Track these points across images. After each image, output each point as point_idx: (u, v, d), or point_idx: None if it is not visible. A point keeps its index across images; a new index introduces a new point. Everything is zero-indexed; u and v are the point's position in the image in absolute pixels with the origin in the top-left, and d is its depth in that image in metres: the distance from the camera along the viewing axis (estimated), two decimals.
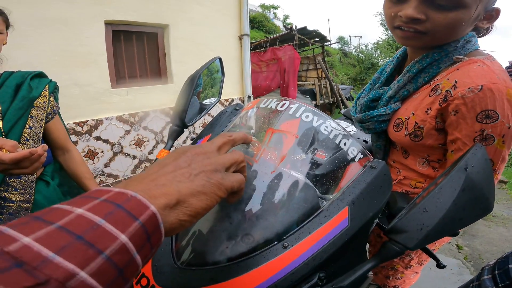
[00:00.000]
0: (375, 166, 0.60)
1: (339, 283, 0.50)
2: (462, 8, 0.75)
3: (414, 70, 0.91)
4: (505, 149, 0.78)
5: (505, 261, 0.84)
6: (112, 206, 0.26)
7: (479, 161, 0.51)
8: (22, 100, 1.09)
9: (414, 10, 0.78)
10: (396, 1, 0.83)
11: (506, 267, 0.81)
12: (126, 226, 0.26)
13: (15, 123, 1.06)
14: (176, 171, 0.35)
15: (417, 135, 0.89)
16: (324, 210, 0.55)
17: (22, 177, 1.07)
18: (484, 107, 0.74)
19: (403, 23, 0.82)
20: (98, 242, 0.24)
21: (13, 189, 1.04)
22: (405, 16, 0.79)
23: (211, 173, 0.36)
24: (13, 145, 0.76)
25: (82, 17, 2.52)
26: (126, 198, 0.27)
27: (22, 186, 1.06)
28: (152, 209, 0.28)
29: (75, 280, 0.21)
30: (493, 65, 0.80)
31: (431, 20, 0.78)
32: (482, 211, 0.50)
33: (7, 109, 1.06)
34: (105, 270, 0.23)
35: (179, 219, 0.32)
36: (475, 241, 2.80)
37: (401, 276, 1.28)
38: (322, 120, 0.62)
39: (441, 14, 0.77)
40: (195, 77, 0.86)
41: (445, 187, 0.47)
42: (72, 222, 0.24)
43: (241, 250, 0.52)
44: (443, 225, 0.45)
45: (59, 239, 0.22)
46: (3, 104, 1.06)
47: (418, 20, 0.79)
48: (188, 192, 0.33)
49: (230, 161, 0.40)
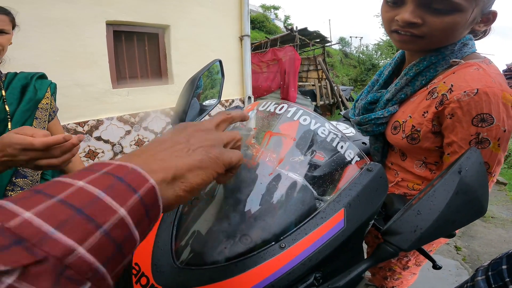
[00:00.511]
0: (371, 169, 0.61)
1: (335, 283, 0.51)
2: (458, 12, 0.75)
3: (412, 73, 0.92)
4: (500, 152, 0.79)
5: (498, 262, 0.85)
6: (112, 179, 0.26)
7: (473, 164, 0.52)
8: (29, 102, 1.10)
9: (411, 15, 0.78)
10: (393, 5, 0.83)
11: (499, 268, 0.82)
12: (125, 199, 0.25)
13: (22, 125, 1.06)
14: (174, 146, 0.35)
15: (414, 138, 0.90)
16: (321, 211, 0.56)
17: (28, 177, 1.08)
18: (479, 110, 0.74)
19: (400, 27, 0.83)
20: (97, 216, 0.23)
21: (19, 189, 1.05)
22: (401, 20, 0.80)
23: (209, 148, 0.36)
24: (45, 134, 0.71)
25: (84, 17, 2.52)
26: (126, 170, 0.27)
27: (28, 185, 1.07)
28: (151, 182, 0.28)
29: (72, 256, 0.21)
30: (489, 69, 0.80)
31: (427, 24, 0.79)
32: (475, 214, 0.51)
33: (14, 110, 1.07)
34: (103, 245, 0.23)
35: (176, 195, 0.32)
36: (474, 242, 2.81)
37: (398, 277, 1.29)
38: (320, 123, 0.63)
39: (437, 18, 0.77)
40: (195, 79, 0.87)
41: (439, 190, 0.48)
42: (72, 195, 0.24)
43: (239, 250, 0.53)
44: (436, 227, 0.46)
45: (60, 213, 0.22)
46: (11, 105, 1.07)
47: (414, 24, 0.80)
48: (186, 167, 0.33)
49: (228, 138, 0.40)
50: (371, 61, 17.19)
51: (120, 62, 2.96)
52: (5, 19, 1.06)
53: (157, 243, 0.59)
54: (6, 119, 1.04)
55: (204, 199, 0.63)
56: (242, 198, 0.57)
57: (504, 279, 0.79)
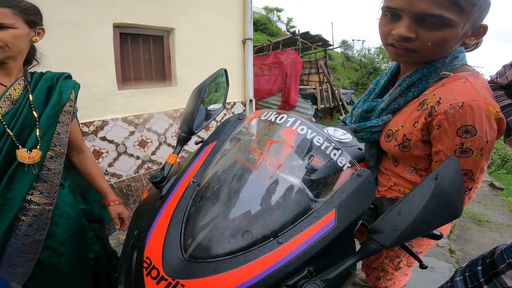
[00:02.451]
0: (361, 174, 0.67)
1: (325, 276, 0.57)
2: (450, 27, 0.80)
3: (405, 84, 0.97)
4: (483, 161, 0.85)
5: (475, 263, 0.89)
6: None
7: (449, 172, 0.58)
8: (54, 107, 1.08)
9: (406, 29, 0.83)
10: (391, 20, 0.88)
11: (475, 269, 0.86)
12: None
13: (47, 130, 1.06)
14: None
15: (405, 146, 0.96)
16: (315, 211, 0.63)
17: (48, 181, 1.09)
18: (464, 122, 0.80)
19: (395, 41, 0.87)
20: None
21: (39, 193, 1.05)
22: (397, 35, 0.84)
23: None
24: None
25: (92, 19, 2.57)
26: None
27: (47, 190, 1.08)
28: None
29: None
30: (476, 82, 0.85)
31: (420, 38, 0.83)
32: (450, 216, 0.57)
33: (40, 115, 1.04)
34: None
35: None
36: (468, 245, 2.86)
37: (391, 278, 1.34)
38: (316, 133, 0.69)
39: (429, 33, 0.82)
40: (202, 88, 0.94)
41: (417, 194, 0.55)
42: None
43: (241, 245, 0.60)
44: (414, 227, 0.53)
45: None
46: (37, 110, 1.04)
47: (408, 39, 0.84)
48: None
49: None
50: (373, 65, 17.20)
51: (126, 64, 3.02)
52: (6, 12, 0.96)
53: (168, 239, 0.65)
54: (33, 124, 1.03)
55: (210, 199, 0.70)
56: (244, 198, 0.64)
57: (479, 280, 0.83)
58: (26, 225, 1.03)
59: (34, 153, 1.01)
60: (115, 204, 1.32)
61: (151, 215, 0.70)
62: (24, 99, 1.03)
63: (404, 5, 0.81)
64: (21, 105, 1.02)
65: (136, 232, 0.71)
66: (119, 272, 0.69)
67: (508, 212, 3.76)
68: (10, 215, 0.99)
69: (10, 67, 1.04)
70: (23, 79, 1.06)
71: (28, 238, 1.03)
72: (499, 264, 0.80)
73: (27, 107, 1.02)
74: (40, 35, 1.10)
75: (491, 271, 0.82)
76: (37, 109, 1.04)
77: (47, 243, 1.08)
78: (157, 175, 0.77)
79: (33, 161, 1.01)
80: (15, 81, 1.04)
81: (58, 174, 1.12)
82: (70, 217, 1.15)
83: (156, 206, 0.73)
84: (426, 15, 0.79)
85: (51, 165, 1.09)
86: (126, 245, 0.73)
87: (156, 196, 0.78)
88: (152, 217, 0.70)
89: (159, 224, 0.68)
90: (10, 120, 0.99)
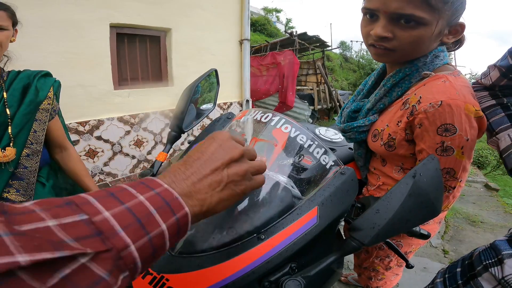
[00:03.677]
0: (344, 173, 0.69)
1: (307, 273, 0.58)
2: (423, 25, 0.82)
3: (389, 84, 0.99)
4: (465, 159, 0.86)
5: (454, 265, 0.90)
6: (162, 201, 0.36)
7: (428, 170, 0.59)
8: (29, 105, 1.08)
9: (382, 29, 0.85)
10: (370, 20, 0.90)
11: (454, 271, 0.87)
12: (167, 218, 0.35)
13: (22, 128, 1.06)
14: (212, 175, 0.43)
15: (391, 145, 0.97)
16: (297, 208, 0.64)
17: (24, 179, 1.09)
18: (443, 121, 0.81)
19: (375, 41, 0.90)
20: (148, 226, 0.33)
21: (15, 191, 1.06)
22: (374, 35, 0.87)
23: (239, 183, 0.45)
24: None
25: (89, 19, 2.59)
26: (171, 197, 0.37)
27: (23, 188, 1.08)
28: (186, 210, 0.38)
29: (126, 251, 0.30)
30: (456, 81, 0.86)
31: (397, 38, 0.86)
32: (428, 214, 0.58)
33: (14, 113, 1.04)
34: (146, 247, 0.32)
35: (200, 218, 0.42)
36: (462, 246, 2.88)
37: (382, 277, 1.36)
38: (299, 131, 0.71)
39: (405, 32, 0.84)
40: (193, 87, 0.95)
41: (394, 192, 0.56)
42: (136, 206, 0.33)
43: (225, 240, 0.62)
44: (391, 225, 0.54)
45: (126, 218, 0.31)
46: (11, 108, 1.04)
47: (386, 38, 0.86)
48: (217, 201, 0.42)
49: (256, 168, 0.48)
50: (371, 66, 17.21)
51: (122, 64, 3.03)
52: (3, 15, 1.01)
53: None
54: (6, 122, 1.03)
55: None
56: None
57: (457, 282, 0.83)
58: None
59: (8, 150, 1.02)
60: None
61: None
62: None
63: (379, 6, 0.83)
64: None
65: None
66: None
67: (502, 213, 3.78)
68: None
69: None
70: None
71: None
72: (477, 266, 0.80)
73: (0, 105, 1.02)
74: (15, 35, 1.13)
75: (469, 273, 0.82)
76: (11, 108, 1.04)
77: None
78: (146, 172, 0.78)
79: (7, 159, 1.01)
80: None
81: (34, 172, 1.13)
82: None
83: None
84: (399, 15, 0.81)
85: (27, 163, 1.10)
86: None
87: None
88: None
89: None
90: None
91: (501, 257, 0.74)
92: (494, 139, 0.88)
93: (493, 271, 0.74)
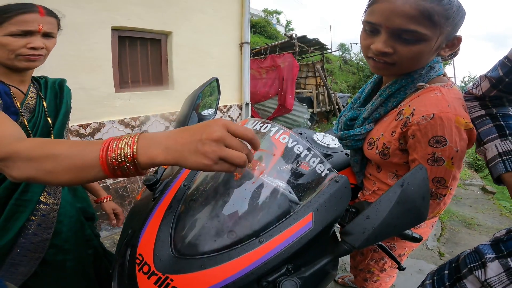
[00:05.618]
0: (338, 180, 0.73)
1: (302, 274, 0.63)
2: (424, 41, 0.85)
3: (385, 95, 1.03)
4: (454, 169, 0.90)
5: (443, 267, 0.93)
6: None
7: (416, 179, 0.63)
8: (65, 115, 1.14)
9: (383, 44, 0.87)
10: (370, 34, 0.92)
11: (442, 273, 0.90)
12: None
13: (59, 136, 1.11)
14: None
15: (385, 154, 1.01)
16: (294, 213, 0.68)
17: None
18: (434, 133, 0.85)
19: (374, 55, 0.92)
20: None
21: (47, 194, 1.10)
22: (375, 50, 0.89)
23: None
24: None
25: (91, 22, 2.61)
26: None
27: (54, 190, 1.13)
28: None
29: None
30: (449, 93, 0.90)
31: (397, 53, 0.88)
32: (415, 220, 0.63)
33: (53, 122, 1.09)
34: None
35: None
36: (457, 248, 2.91)
37: (377, 279, 1.40)
38: (296, 141, 0.75)
39: (405, 47, 0.86)
40: (195, 96, 0.99)
41: (383, 200, 0.60)
42: None
43: (226, 243, 0.66)
44: (380, 230, 0.58)
45: None
46: (50, 117, 1.08)
47: (386, 53, 0.89)
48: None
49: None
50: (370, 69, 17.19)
51: (123, 67, 3.06)
52: (54, 22, 1.04)
53: (159, 237, 0.71)
54: (49, 131, 1.07)
55: (199, 201, 0.76)
56: (229, 200, 0.70)
57: (445, 284, 0.86)
58: (36, 225, 1.06)
59: None
60: (108, 201, 1.38)
61: (145, 215, 0.76)
62: (40, 107, 1.08)
63: (382, 21, 0.85)
64: (39, 113, 1.06)
65: (130, 231, 0.77)
66: (113, 268, 0.74)
67: (498, 216, 3.82)
68: (24, 216, 1.03)
69: (29, 74, 1.08)
70: (32, 86, 1.11)
71: (37, 237, 1.07)
72: (462, 268, 0.83)
73: (43, 114, 1.07)
74: None
75: (456, 275, 0.85)
76: (50, 117, 1.09)
77: (53, 241, 1.12)
78: (150, 178, 0.82)
79: None
80: (29, 88, 1.08)
81: None
82: (72, 215, 1.20)
83: (149, 207, 0.78)
84: (402, 30, 0.83)
85: None
86: (120, 243, 0.79)
87: (149, 197, 0.83)
88: (145, 217, 0.75)
89: (151, 224, 0.73)
90: (32, 128, 1.04)
91: (484, 260, 0.78)
92: (482, 149, 0.92)
93: (477, 274, 0.78)
